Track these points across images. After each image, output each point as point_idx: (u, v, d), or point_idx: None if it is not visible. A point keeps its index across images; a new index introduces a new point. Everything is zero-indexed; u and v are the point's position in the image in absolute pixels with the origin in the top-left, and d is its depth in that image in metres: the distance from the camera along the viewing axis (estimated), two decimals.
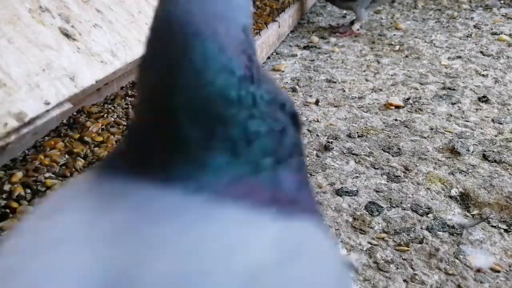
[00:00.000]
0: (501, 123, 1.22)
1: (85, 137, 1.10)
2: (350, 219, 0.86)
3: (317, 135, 1.20)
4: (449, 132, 1.19)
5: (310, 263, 0.24)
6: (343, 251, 0.78)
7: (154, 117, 0.25)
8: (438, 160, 1.06)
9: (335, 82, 1.56)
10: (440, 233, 0.82)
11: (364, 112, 1.33)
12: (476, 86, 1.48)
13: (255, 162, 0.25)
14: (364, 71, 1.67)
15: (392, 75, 1.61)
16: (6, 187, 0.91)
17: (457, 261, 0.75)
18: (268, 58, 1.81)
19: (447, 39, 1.99)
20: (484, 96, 1.38)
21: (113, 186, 0.25)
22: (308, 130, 1.22)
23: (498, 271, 0.73)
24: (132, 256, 0.20)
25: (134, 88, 1.02)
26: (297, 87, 1.51)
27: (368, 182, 0.98)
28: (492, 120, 1.24)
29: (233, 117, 0.24)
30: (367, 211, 0.89)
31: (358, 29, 2.12)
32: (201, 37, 0.24)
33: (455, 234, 0.81)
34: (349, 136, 1.18)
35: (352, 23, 2.14)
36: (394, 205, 0.90)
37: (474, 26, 2.16)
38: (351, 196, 0.93)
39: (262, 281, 0.21)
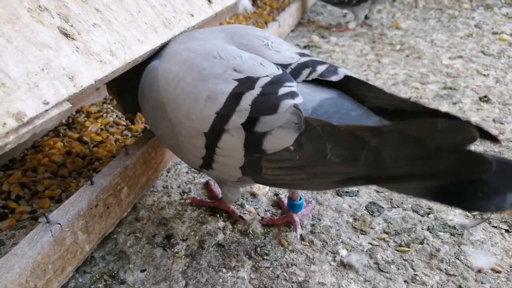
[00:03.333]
0: (502, 123, 1.21)
1: (84, 137, 1.10)
2: (351, 220, 0.86)
3: None
4: None
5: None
6: (343, 252, 0.78)
7: None
8: None
9: None
10: (441, 233, 0.82)
11: None
12: (477, 85, 1.48)
13: None
14: (365, 70, 1.66)
15: (393, 75, 1.61)
16: (5, 187, 0.91)
17: (458, 261, 0.75)
18: None
19: (448, 39, 1.98)
20: (485, 96, 1.38)
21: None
22: None
23: (499, 272, 0.72)
24: (237, 36, 0.71)
25: None
26: None
27: None
28: (493, 120, 1.23)
29: None
30: (367, 211, 0.88)
31: (353, 27, 2.18)
32: None
33: (456, 235, 0.81)
34: None
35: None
36: (395, 206, 0.90)
37: (475, 26, 2.15)
38: (351, 196, 0.93)
39: None
